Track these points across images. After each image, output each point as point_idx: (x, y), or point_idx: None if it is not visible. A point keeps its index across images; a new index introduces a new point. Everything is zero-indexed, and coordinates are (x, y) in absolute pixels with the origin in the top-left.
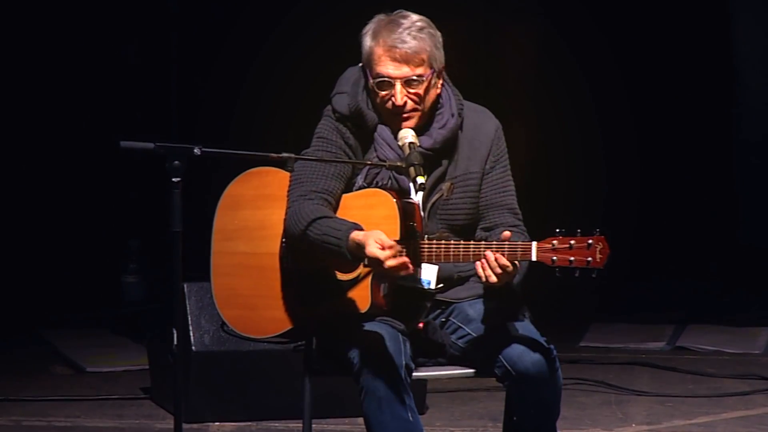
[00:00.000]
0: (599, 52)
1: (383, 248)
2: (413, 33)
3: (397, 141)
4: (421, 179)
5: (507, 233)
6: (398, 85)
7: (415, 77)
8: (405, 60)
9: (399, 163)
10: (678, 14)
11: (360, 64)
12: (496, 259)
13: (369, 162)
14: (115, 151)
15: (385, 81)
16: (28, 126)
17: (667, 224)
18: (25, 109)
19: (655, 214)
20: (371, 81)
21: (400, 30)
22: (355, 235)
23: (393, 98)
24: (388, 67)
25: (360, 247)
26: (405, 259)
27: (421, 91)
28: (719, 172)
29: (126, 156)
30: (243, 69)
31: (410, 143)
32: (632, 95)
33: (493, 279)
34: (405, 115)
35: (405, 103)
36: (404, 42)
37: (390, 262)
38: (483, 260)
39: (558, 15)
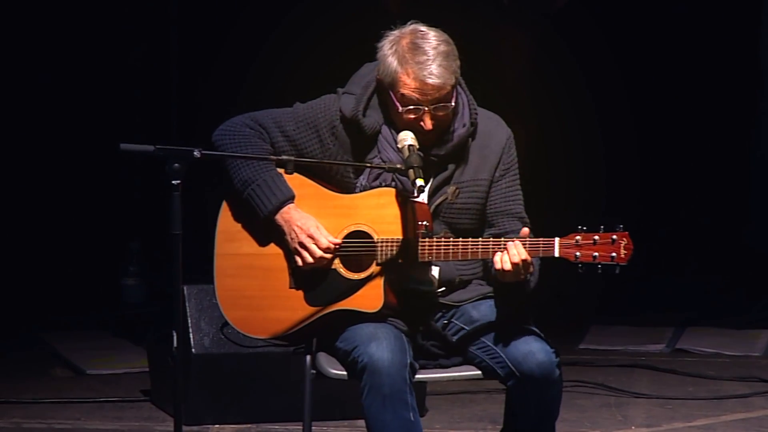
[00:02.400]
0: (600, 52)
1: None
2: (442, 63)
3: (397, 143)
4: (420, 182)
5: (526, 230)
6: (428, 112)
7: (443, 104)
8: (435, 91)
9: (399, 165)
10: (684, 13)
11: (377, 71)
12: (516, 250)
13: (369, 164)
14: (115, 153)
15: (413, 108)
16: (29, 128)
17: (668, 225)
18: (25, 110)
19: (655, 216)
20: (400, 107)
21: (429, 61)
22: (293, 207)
23: (422, 123)
24: (418, 97)
25: (294, 215)
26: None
27: (447, 112)
28: (723, 174)
29: (126, 158)
30: (243, 69)
31: (409, 146)
32: (633, 95)
33: (508, 267)
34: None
35: (433, 125)
36: (433, 75)
37: (321, 253)
38: (507, 245)
39: (558, 15)
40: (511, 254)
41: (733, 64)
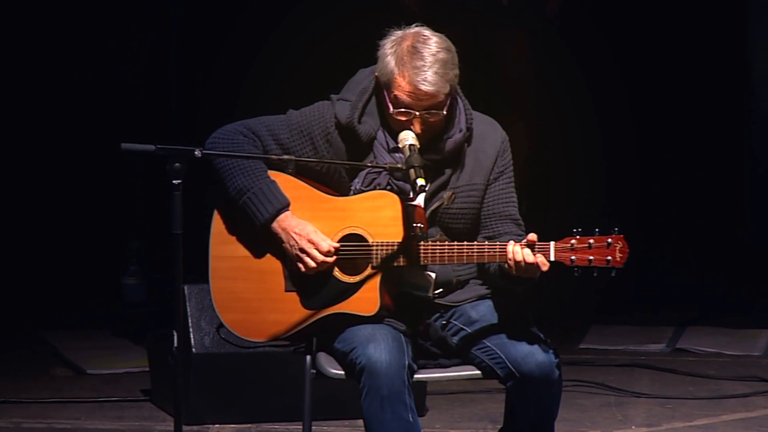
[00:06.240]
0: (600, 52)
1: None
2: (438, 71)
3: (397, 143)
4: (421, 181)
5: (533, 235)
6: (418, 117)
7: (435, 112)
8: (427, 97)
9: (399, 165)
10: (683, 14)
11: (374, 73)
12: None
13: (369, 165)
14: (116, 152)
15: (404, 111)
16: (29, 127)
17: (668, 225)
18: (25, 110)
19: (655, 215)
20: (391, 108)
21: (425, 67)
22: (289, 215)
23: (412, 127)
24: (410, 101)
25: (291, 223)
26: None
27: (439, 118)
28: (724, 173)
29: (127, 158)
30: (243, 69)
31: (410, 145)
32: (633, 96)
33: (519, 257)
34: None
35: (423, 130)
36: (427, 81)
37: (322, 257)
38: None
39: (552, 22)
40: (524, 255)
41: (724, 63)
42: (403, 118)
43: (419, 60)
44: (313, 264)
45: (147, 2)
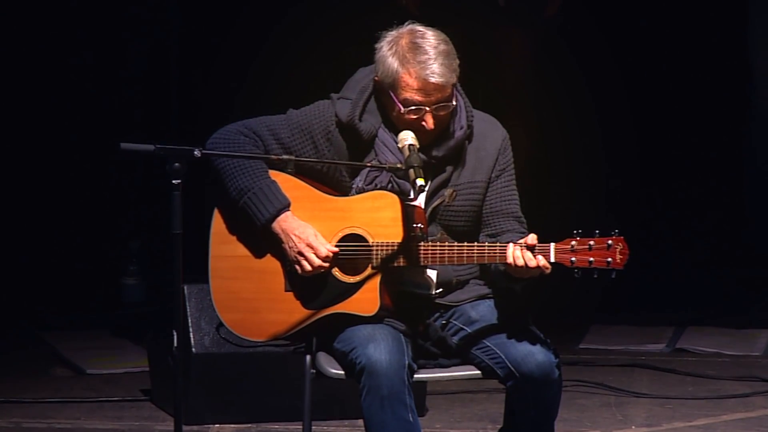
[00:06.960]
0: (600, 52)
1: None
2: (443, 62)
3: (397, 143)
4: (420, 181)
5: (534, 236)
6: (429, 111)
7: (445, 104)
8: (437, 91)
9: (399, 165)
10: (683, 13)
11: (374, 75)
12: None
13: (368, 164)
14: (115, 152)
15: (415, 108)
16: (29, 127)
17: (668, 224)
18: (26, 110)
19: (655, 215)
20: (401, 107)
21: (430, 60)
22: (290, 215)
23: (424, 123)
24: (421, 97)
25: (291, 224)
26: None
27: (448, 111)
28: (724, 172)
29: (126, 157)
30: (243, 69)
31: (410, 145)
32: (633, 96)
33: (521, 262)
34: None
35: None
36: (435, 74)
37: (320, 262)
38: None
39: (551, 22)
40: (527, 258)
41: (723, 63)
42: (414, 116)
43: (423, 54)
44: (310, 268)
45: (147, 2)
